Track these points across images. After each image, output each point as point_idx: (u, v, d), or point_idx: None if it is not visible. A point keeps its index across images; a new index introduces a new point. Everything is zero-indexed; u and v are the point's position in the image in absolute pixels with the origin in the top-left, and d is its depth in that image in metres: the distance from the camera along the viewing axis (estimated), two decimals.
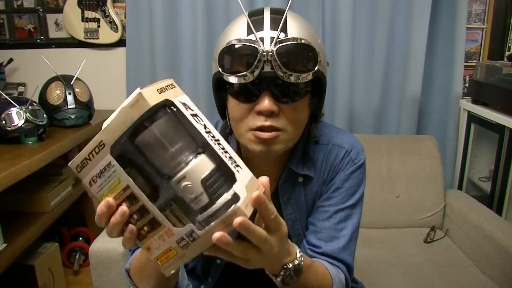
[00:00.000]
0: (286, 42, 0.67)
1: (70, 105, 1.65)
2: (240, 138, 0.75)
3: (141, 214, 0.50)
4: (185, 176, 0.48)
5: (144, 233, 0.51)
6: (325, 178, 0.82)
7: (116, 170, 0.49)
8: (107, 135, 0.48)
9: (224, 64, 0.70)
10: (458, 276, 1.40)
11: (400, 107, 1.89)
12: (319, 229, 0.80)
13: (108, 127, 0.48)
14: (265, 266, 0.61)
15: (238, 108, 0.72)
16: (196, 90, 1.89)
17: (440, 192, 1.73)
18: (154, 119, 0.48)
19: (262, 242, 0.51)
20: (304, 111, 0.74)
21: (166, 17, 1.85)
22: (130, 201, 0.50)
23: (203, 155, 0.50)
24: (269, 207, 0.51)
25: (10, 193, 1.21)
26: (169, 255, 0.52)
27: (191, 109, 0.52)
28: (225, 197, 0.48)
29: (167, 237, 0.50)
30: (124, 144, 0.49)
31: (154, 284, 0.69)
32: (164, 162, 0.49)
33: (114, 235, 0.52)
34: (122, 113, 0.47)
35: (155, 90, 0.49)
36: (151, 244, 0.52)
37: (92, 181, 0.51)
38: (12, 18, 2.05)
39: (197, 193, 0.48)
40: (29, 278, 1.50)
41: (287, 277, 0.63)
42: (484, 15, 1.95)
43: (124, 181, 0.49)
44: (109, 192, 0.51)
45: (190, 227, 0.49)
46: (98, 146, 0.49)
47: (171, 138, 0.49)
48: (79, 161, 0.51)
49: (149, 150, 0.49)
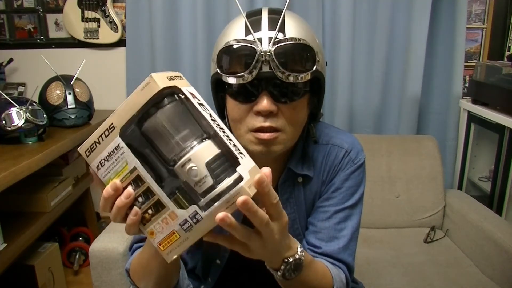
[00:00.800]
0: (284, 42, 0.67)
1: (70, 105, 1.65)
2: (240, 139, 0.75)
3: (146, 196, 0.52)
4: (190, 159, 0.49)
5: (148, 217, 0.52)
6: (324, 178, 0.82)
7: (124, 152, 0.51)
8: (117, 117, 0.50)
9: (223, 65, 0.70)
10: (458, 276, 1.40)
11: (400, 107, 1.89)
12: (319, 229, 0.80)
13: (118, 110, 0.50)
14: (265, 257, 0.60)
15: (237, 108, 0.72)
16: (196, 90, 1.88)
17: (440, 192, 1.73)
18: (162, 105, 0.50)
19: (263, 225, 0.51)
20: (303, 111, 0.74)
21: (166, 17, 1.85)
22: (136, 184, 0.51)
23: (208, 140, 0.51)
24: (271, 192, 0.51)
25: (10, 193, 1.21)
26: (171, 239, 0.52)
27: (197, 99, 0.54)
28: (229, 180, 0.49)
29: (170, 219, 0.51)
30: (132, 133, 0.50)
31: (154, 284, 0.69)
32: (171, 147, 0.50)
33: (118, 219, 0.53)
34: (132, 96, 0.49)
35: (165, 76, 0.51)
36: (154, 228, 0.53)
37: (100, 165, 0.53)
38: (12, 18, 2.05)
39: (202, 176, 0.49)
40: (29, 278, 1.51)
41: (287, 271, 0.63)
42: (484, 15, 1.95)
43: (131, 163, 0.51)
44: (116, 176, 0.52)
45: (194, 208, 0.50)
46: (108, 129, 0.51)
47: (178, 124, 0.51)
48: (89, 145, 0.53)
49: (156, 135, 0.51)
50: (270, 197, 0.51)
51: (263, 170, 0.53)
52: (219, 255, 0.87)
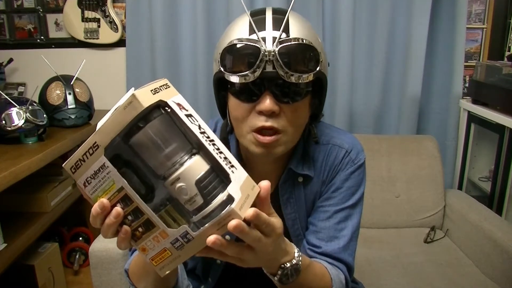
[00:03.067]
0: (288, 42, 0.67)
1: (70, 105, 1.64)
2: (241, 139, 0.75)
3: (135, 215, 0.51)
4: (179, 178, 0.48)
5: (138, 234, 0.52)
6: (325, 178, 0.82)
7: (110, 171, 0.49)
8: (100, 136, 0.48)
9: (226, 64, 0.70)
10: (458, 276, 1.40)
11: (400, 107, 1.89)
12: (319, 229, 0.80)
13: (102, 128, 0.48)
14: (261, 265, 0.61)
15: (239, 107, 0.72)
16: (196, 90, 1.89)
17: (440, 192, 1.73)
18: (148, 120, 0.48)
19: (256, 242, 0.51)
20: (304, 112, 0.74)
21: (166, 17, 1.85)
22: (124, 202, 0.50)
23: (197, 156, 0.50)
24: (262, 219, 0.50)
25: (10, 193, 1.21)
26: (163, 255, 0.52)
27: (185, 109, 0.51)
28: (220, 198, 0.48)
29: (161, 238, 0.51)
30: (118, 145, 0.49)
31: (152, 285, 0.69)
32: (159, 163, 0.49)
33: (109, 236, 0.53)
34: (115, 114, 0.47)
35: (149, 91, 0.48)
36: (146, 245, 0.52)
37: (86, 182, 0.51)
38: (12, 18, 2.04)
39: (192, 195, 0.48)
40: (29, 278, 1.50)
41: (284, 276, 0.63)
42: (484, 15, 1.95)
43: (119, 183, 0.49)
44: (104, 193, 0.51)
45: (184, 229, 0.49)
46: (92, 147, 0.49)
47: (165, 139, 0.49)
48: (73, 162, 0.51)
49: (143, 151, 0.49)
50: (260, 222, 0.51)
51: (262, 184, 0.52)
52: None
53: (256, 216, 0.49)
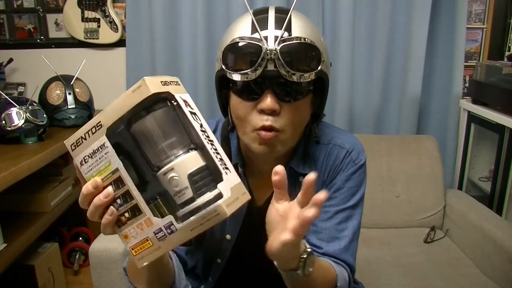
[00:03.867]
0: (290, 41, 0.67)
1: (70, 105, 1.64)
2: (243, 137, 0.75)
3: (124, 199, 0.51)
4: (173, 168, 0.49)
5: (124, 220, 0.52)
6: (325, 178, 0.82)
7: (108, 152, 0.50)
8: (105, 116, 0.50)
9: (228, 62, 0.70)
10: (458, 276, 1.40)
11: (400, 107, 1.89)
12: (320, 230, 0.80)
13: (108, 109, 0.50)
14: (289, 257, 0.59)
15: (241, 106, 0.72)
16: (196, 89, 1.89)
17: (440, 192, 1.73)
18: (153, 109, 0.49)
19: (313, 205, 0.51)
20: (305, 111, 0.74)
21: (166, 17, 1.85)
22: (116, 185, 0.51)
23: (194, 151, 0.50)
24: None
25: (10, 193, 1.21)
26: (144, 245, 0.52)
27: (190, 107, 0.52)
28: (209, 195, 0.49)
29: (146, 226, 0.51)
30: (121, 133, 0.50)
31: (147, 283, 0.69)
32: (156, 152, 0.50)
33: (96, 217, 0.53)
34: (123, 97, 0.49)
35: (159, 81, 0.50)
36: (128, 232, 0.53)
37: (83, 160, 0.52)
38: (12, 18, 2.04)
39: (182, 187, 0.49)
40: (29, 278, 1.50)
41: (306, 266, 0.61)
42: (484, 15, 1.95)
43: (114, 164, 0.50)
44: (98, 174, 0.52)
45: (170, 219, 0.50)
46: (96, 126, 0.50)
47: (166, 130, 0.50)
48: (75, 139, 0.52)
49: (143, 139, 0.50)
50: None
51: (276, 168, 0.54)
52: (219, 255, 0.87)
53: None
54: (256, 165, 0.82)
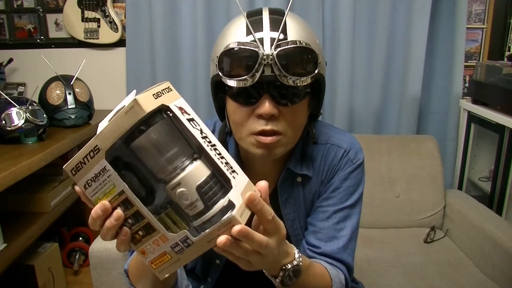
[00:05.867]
0: (286, 46, 0.66)
1: (70, 105, 1.64)
2: (241, 142, 0.75)
3: (136, 219, 0.50)
4: (180, 183, 0.48)
5: (138, 237, 0.51)
6: (323, 178, 0.82)
7: (111, 175, 0.49)
8: (102, 140, 0.48)
9: (224, 67, 0.69)
10: (458, 276, 1.40)
11: (400, 107, 1.89)
12: (318, 229, 0.80)
13: (103, 132, 0.48)
14: (264, 268, 0.61)
15: (238, 111, 0.71)
16: (196, 90, 1.89)
17: (440, 192, 1.73)
18: (150, 124, 0.48)
19: (263, 247, 0.51)
20: (303, 113, 0.74)
21: (166, 17, 1.85)
22: (125, 206, 0.50)
23: (198, 161, 0.49)
24: (265, 208, 0.50)
25: (10, 193, 1.21)
26: (163, 259, 0.52)
27: (187, 114, 0.51)
28: (221, 203, 0.48)
29: (161, 242, 0.50)
30: (120, 148, 0.49)
31: (151, 285, 0.69)
32: (160, 167, 0.49)
33: (108, 238, 0.52)
34: (117, 119, 0.47)
35: (151, 95, 0.48)
36: (145, 248, 0.52)
37: (87, 185, 0.51)
38: (12, 18, 2.05)
39: (192, 200, 0.48)
40: (29, 278, 1.50)
41: (285, 277, 0.63)
42: (484, 15, 1.95)
43: (119, 186, 0.49)
44: (104, 196, 0.50)
45: (185, 234, 0.49)
46: (93, 150, 0.49)
47: (166, 143, 0.49)
48: (74, 164, 0.50)
49: (144, 154, 0.49)
50: (264, 213, 0.50)
51: (259, 184, 0.52)
52: (218, 255, 0.86)
53: (253, 201, 0.48)
54: (254, 167, 0.82)
